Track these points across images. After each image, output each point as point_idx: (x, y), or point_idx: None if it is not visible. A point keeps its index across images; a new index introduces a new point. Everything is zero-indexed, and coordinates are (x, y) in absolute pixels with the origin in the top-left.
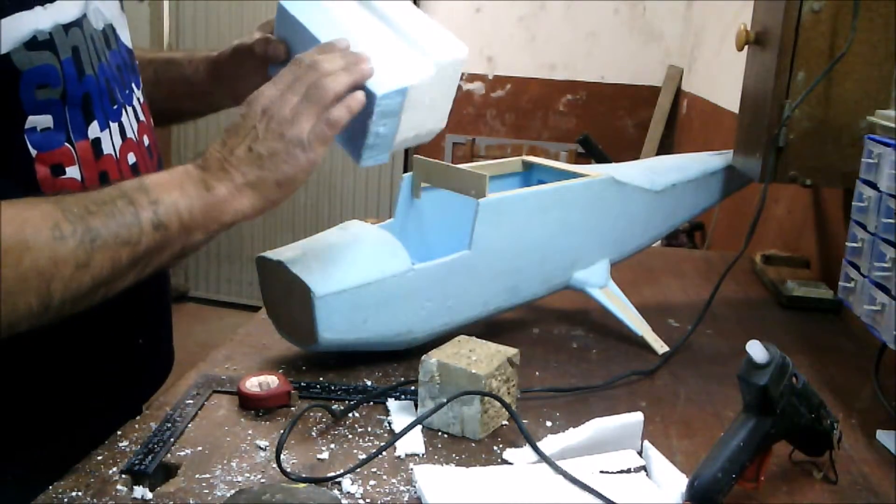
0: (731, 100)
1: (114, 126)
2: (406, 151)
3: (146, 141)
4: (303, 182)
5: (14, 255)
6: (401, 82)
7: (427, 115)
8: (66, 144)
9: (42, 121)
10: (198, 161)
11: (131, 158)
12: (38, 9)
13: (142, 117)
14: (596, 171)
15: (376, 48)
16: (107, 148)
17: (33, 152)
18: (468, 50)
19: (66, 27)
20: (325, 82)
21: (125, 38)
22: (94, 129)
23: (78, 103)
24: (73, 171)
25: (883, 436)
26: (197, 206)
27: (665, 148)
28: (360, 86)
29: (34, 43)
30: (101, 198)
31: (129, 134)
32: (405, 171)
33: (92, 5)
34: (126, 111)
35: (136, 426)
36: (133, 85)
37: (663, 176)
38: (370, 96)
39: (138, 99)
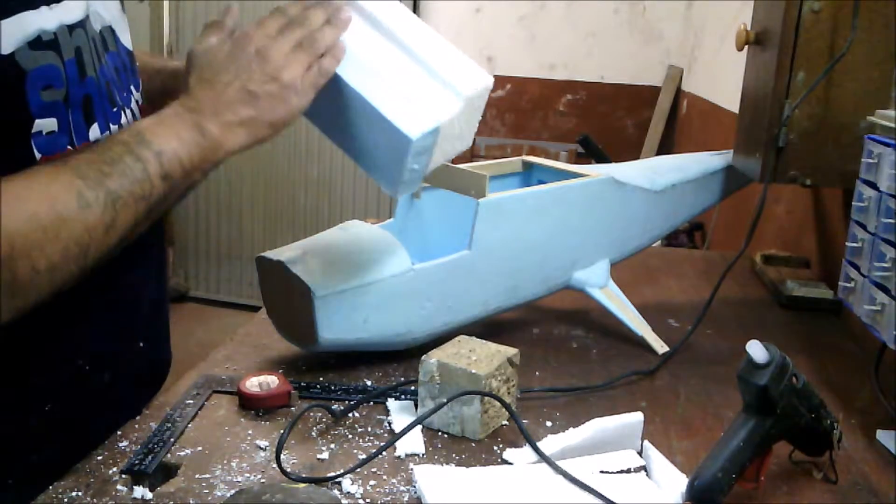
0: (731, 100)
1: (114, 129)
2: None
3: None
4: (291, 124)
5: (53, 231)
6: (431, 123)
7: (455, 142)
8: (69, 147)
9: (48, 124)
10: (186, 101)
11: None
12: (43, 9)
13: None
14: (596, 171)
15: (401, 83)
16: None
17: (38, 156)
18: (493, 78)
19: (71, 28)
20: (316, 36)
21: (125, 40)
22: (94, 132)
23: (79, 105)
24: None
25: (883, 436)
26: (195, 151)
27: (665, 148)
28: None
29: (38, 43)
30: (110, 157)
31: None
32: None
33: (92, 7)
34: (125, 113)
35: (136, 426)
36: (132, 87)
37: (663, 176)
38: (404, 140)
39: (136, 101)
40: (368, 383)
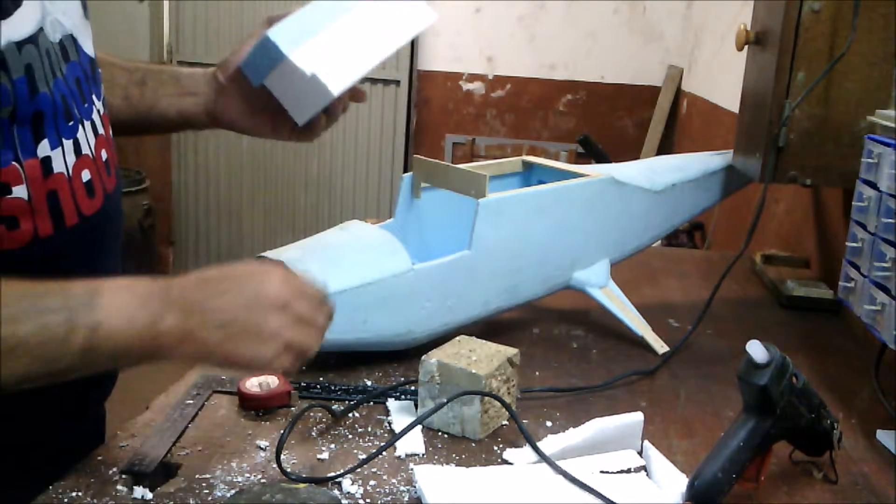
0: (731, 100)
1: (67, 144)
2: (406, 151)
3: (104, 156)
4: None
5: None
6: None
7: (355, 44)
8: (14, 163)
9: None
10: (171, 289)
11: (85, 176)
12: None
13: (101, 130)
14: (596, 171)
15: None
16: (58, 166)
17: None
18: (435, 16)
19: (20, 45)
20: (312, 341)
21: (87, 47)
22: (43, 148)
23: (27, 122)
24: (19, 191)
25: (883, 436)
26: (136, 347)
27: (665, 148)
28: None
29: None
30: (41, 304)
31: (86, 150)
32: (405, 171)
33: (49, 18)
34: (83, 126)
35: (137, 426)
36: (93, 97)
37: (663, 176)
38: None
39: (98, 111)
40: (368, 383)
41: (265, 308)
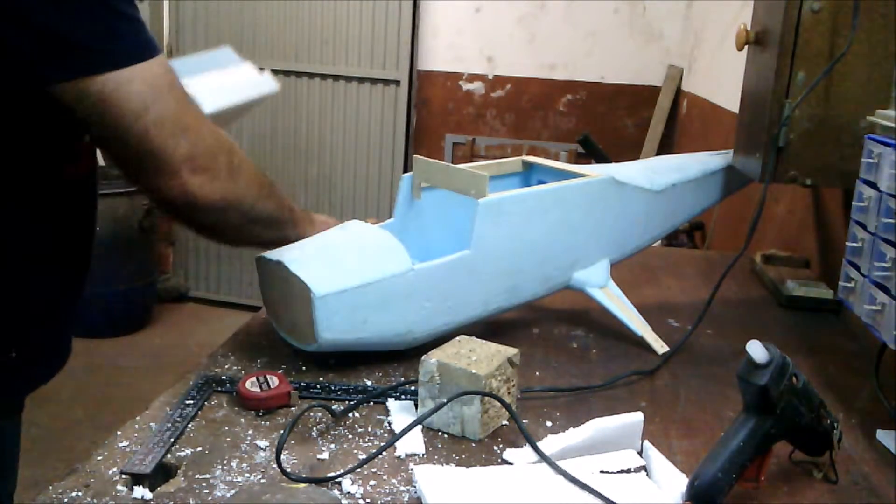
0: (731, 100)
1: None
2: (406, 151)
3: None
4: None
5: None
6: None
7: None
8: None
9: None
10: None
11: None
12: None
13: None
14: (596, 171)
15: None
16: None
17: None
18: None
19: None
20: None
21: None
22: None
23: None
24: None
25: (883, 436)
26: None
27: (665, 148)
28: None
29: None
30: (284, 222)
31: None
32: (405, 171)
33: None
34: None
35: (136, 426)
36: None
37: (663, 176)
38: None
39: None
40: (368, 383)
41: None
